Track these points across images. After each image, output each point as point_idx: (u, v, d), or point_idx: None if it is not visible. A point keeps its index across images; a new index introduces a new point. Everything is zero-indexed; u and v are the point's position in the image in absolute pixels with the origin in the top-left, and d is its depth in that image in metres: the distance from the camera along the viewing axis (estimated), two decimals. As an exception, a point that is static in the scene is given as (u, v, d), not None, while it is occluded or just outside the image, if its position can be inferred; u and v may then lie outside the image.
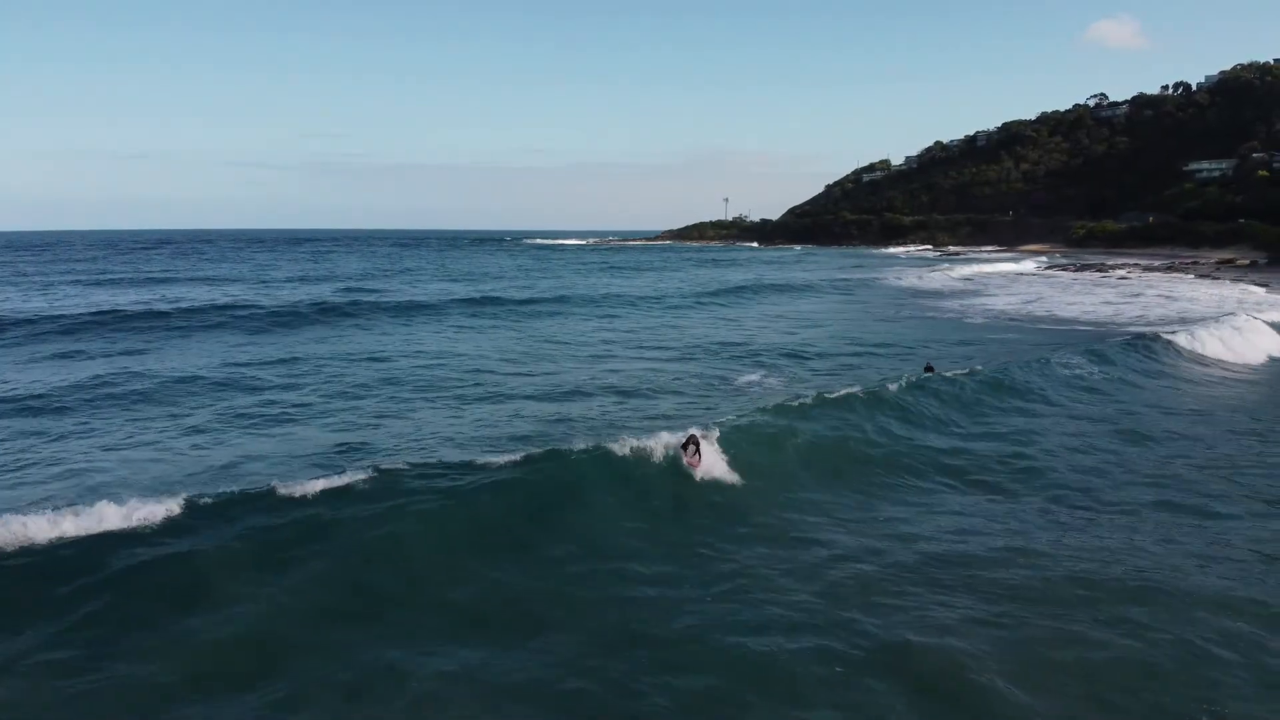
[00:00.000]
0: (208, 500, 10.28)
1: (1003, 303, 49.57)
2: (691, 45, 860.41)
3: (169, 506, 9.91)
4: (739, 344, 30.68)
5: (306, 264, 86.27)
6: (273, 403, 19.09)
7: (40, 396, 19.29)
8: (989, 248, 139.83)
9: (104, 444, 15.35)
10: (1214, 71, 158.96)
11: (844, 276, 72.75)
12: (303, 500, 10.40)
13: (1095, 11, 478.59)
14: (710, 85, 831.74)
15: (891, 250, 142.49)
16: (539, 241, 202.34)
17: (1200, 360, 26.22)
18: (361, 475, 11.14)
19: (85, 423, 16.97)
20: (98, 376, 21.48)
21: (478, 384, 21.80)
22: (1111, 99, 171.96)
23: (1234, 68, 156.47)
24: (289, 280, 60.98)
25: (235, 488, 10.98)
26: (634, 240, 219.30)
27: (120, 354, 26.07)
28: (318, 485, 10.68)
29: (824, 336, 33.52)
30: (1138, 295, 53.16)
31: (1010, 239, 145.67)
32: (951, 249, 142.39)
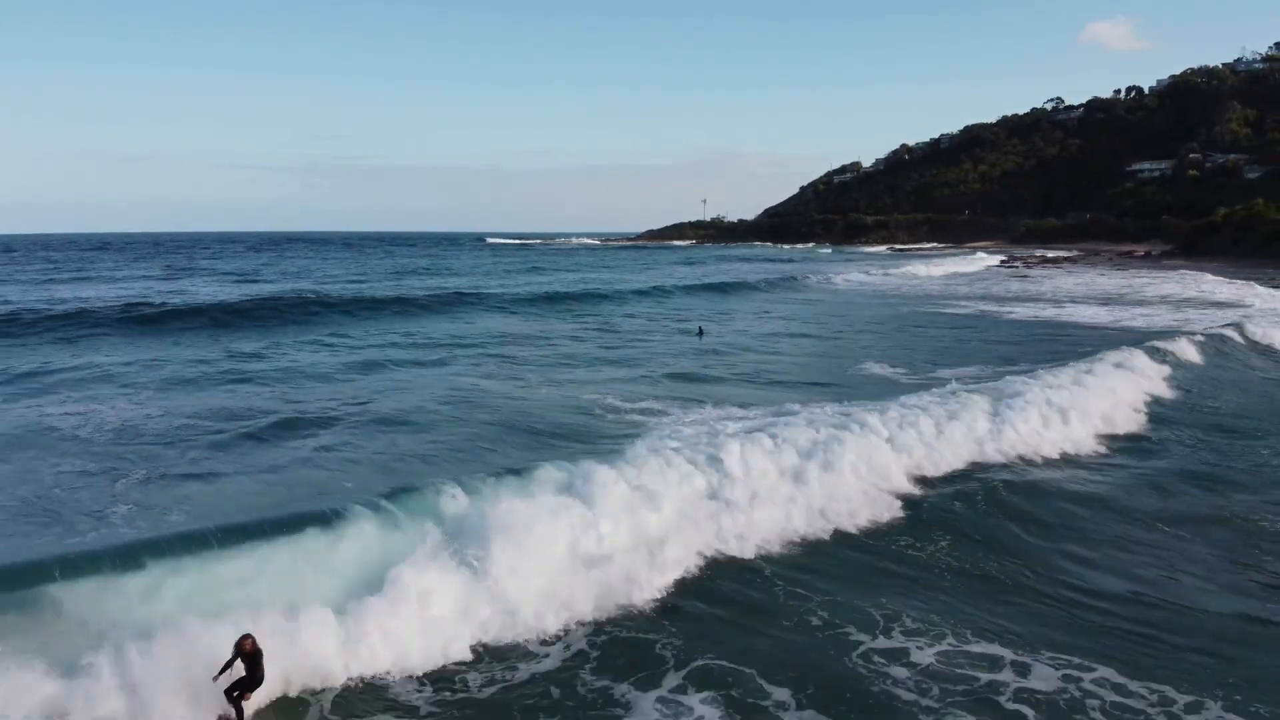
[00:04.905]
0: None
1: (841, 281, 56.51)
2: (690, 47, 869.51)
3: None
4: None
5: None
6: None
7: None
8: (940, 244, 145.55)
9: None
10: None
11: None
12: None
13: (1090, 12, 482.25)
14: (713, 87, 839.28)
15: (835, 247, 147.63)
16: (537, 243, 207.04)
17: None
18: None
19: None
20: None
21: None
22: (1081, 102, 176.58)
23: (1184, 71, 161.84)
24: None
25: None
26: (612, 240, 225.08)
27: None
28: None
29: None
30: (984, 279, 59.44)
31: (964, 237, 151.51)
32: (902, 247, 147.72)
